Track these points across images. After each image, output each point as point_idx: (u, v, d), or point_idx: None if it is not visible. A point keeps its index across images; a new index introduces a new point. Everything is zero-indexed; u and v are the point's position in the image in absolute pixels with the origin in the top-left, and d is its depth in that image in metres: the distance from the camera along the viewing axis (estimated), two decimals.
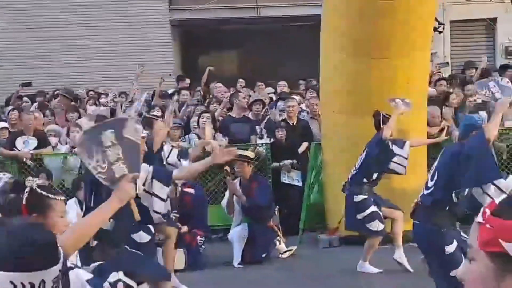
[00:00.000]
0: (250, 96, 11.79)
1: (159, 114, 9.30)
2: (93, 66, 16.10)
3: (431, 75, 11.31)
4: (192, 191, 8.63)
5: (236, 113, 10.88)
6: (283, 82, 12.86)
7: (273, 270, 8.36)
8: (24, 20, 16.22)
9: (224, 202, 8.87)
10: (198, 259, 8.53)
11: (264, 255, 8.68)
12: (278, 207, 9.19)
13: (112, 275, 5.13)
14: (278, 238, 8.83)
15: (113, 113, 11.82)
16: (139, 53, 15.89)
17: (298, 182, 10.13)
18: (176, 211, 7.89)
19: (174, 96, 12.11)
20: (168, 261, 7.04)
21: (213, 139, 10.26)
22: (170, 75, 15.24)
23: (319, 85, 10.38)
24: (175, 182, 6.70)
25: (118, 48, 16.21)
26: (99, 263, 5.31)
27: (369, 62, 8.67)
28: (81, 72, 15.90)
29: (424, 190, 5.55)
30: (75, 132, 10.48)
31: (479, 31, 16.95)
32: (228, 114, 11.11)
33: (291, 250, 8.87)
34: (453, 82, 12.15)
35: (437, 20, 12.44)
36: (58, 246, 2.01)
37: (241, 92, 11.99)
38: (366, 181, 7.80)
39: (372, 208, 7.72)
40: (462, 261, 1.54)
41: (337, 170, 9.17)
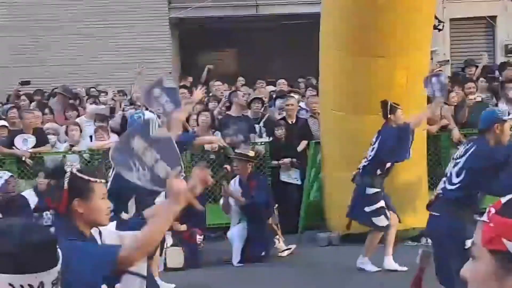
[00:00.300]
0: (249, 94, 11.77)
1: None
2: (91, 64, 16.08)
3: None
4: None
5: (235, 112, 10.85)
6: (282, 80, 12.84)
7: (272, 269, 8.34)
8: (22, 17, 16.20)
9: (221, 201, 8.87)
10: (196, 258, 8.52)
11: (263, 254, 8.66)
12: (277, 205, 9.17)
13: None
14: (277, 236, 8.81)
15: (112, 111, 11.80)
16: (138, 51, 15.89)
17: (297, 180, 10.12)
18: None
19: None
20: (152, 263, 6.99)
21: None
22: (170, 73, 15.22)
23: (318, 83, 10.36)
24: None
25: (117, 47, 16.20)
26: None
27: (368, 60, 8.64)
28: (79, 71, 15.88)
29: (446, 184, 5.44)
30: (73, 131, 10.47)
31: (479, 29, 16.94)
32: (227, 112, 11.09)
33: (290, 248, 8.85)
34: (453, 80, 12.13)
35: (437, 18, 12.41)
36: (58, 247, 1.97)
37: (240, 90, 11.96)
38: (380, 172, 7.75)
39: (381, 203, 7.69)
40: None
41: (336, 168, 9.15)
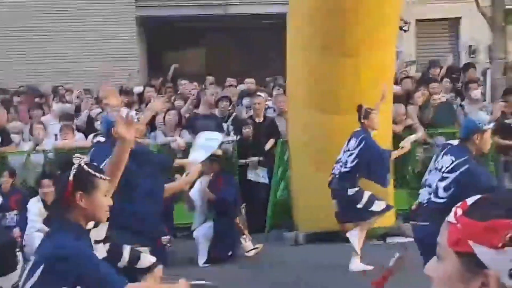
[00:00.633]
0: (217, 93, 11.75)
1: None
2: (56, 63, 15.86)
3: (396, 73, 11.39)
4: None
5: (203, 110, 10.82)
6: (250, 79, 12.85)
7: (239, 269, 8.33)
8: None
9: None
10: (163, 258, 8.45)
11: (230, 254, 8.64)
12: (244, 204, 9.16)
13: None
14: (244, 236, 8.80)
15: (78, 110, 11.69)
16: (104, 49, 15.73)
17: (265, 179, 10.12)
18: None
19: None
20: None
21: (179, 136, 10.21)
22: (138, 71, 15.11)
23: (286, 82, 10.39)
24: None
25: (83, 45, 16.00)
26: None
27: (334, 60, 8.69)
28: (44, 69, 15.66)
29: (432, 196, 5.45)
30: (38, 130, 10.34)
31: (444, 30, 17.15)
32: (194, 111, 11.06)
33: (257, 248, 8.84)
34: (418, 80, 12.25)
35: (402, 19, 12.53)
36: (17, 252, 1.94)
37: (208, 89, 11.94)
38: (359, 176, 7.80)
39: (368, 193, 7.73)
40: None
41: (303, 167, 9.18)
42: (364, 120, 7.74)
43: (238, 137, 10.31)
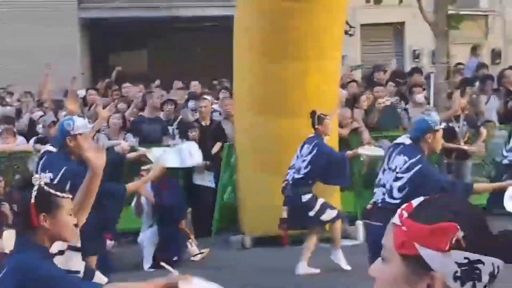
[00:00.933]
0: (162, 96, 11.62)
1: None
2: None
3: (342, 78, 11.47)
4: None
5: (148, 113, 10.69)
6: (195, 82, 12.77)
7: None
8: None
9: (133, 204, 8.70)
10: (107, 263, 8.30)
11: (175, 258, 8.53)
12: (190, 209, 9.07)
13: None
14: (190, 240, 8.72)
15: (18, 113, 11.42)
16: (46, 52, 15.39)
17: (211, 183, 10.04)
18: None
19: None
20: None
21: (124, 139, 10.06)
22: (82, 74, 14.86)
23: (232, 85, 10.34)
24: None
25: (24, 46, 15.65)
26: None
27: (280, 63, 8.69)
28: None
29: (386, 196, 5.49)
30: None
31: (388, 35, 17.42)
32: (139, 114, 10.91)
33: (203, 252, 8.77)
34: (363, 84, 12.37)
35: (348, 23, 12.64)
36: None
37: (154, 91, 11.80)
38: (312, 182, 7.80)
39: (320, 201, 7.74)
40: None
41: (250, 170, 9.15)
42: (318, 125, 7.75)
43: (184, 141, 10.21)
